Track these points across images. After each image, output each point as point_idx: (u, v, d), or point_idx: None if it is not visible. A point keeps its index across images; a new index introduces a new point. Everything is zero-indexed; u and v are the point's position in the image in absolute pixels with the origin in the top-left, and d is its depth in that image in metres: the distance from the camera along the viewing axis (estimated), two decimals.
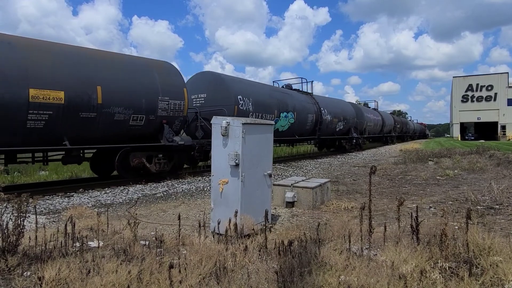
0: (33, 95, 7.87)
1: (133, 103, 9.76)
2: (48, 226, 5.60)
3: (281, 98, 17.03)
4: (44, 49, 8.53)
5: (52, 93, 8.17)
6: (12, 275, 3.15)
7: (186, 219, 6.20)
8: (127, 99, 9.63)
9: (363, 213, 3.62)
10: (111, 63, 9.71)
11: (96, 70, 9.16)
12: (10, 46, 7.89)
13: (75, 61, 8.88)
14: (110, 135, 9.62)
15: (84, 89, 8.76)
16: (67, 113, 8.47)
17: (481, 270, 2.99)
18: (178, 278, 2.80)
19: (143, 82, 10.16)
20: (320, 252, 3.42)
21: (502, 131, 56.97)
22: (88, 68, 9.01)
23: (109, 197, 8.49)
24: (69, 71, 8.61)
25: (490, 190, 7.29)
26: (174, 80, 11.19)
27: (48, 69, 8.23)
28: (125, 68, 9.97)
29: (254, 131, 4.92)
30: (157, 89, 10.48)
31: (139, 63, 10.58)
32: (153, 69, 10.72)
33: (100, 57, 9.57)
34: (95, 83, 8.97)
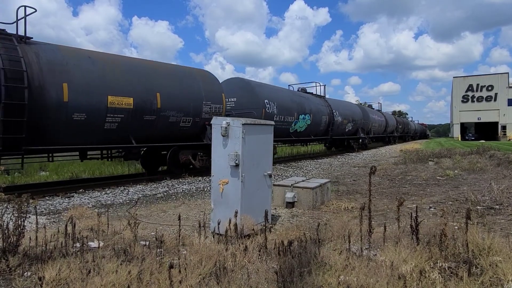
0: (110, 101, 9.34)
1: (183, 107, 11.25)
2: (48, 226, 5.60)
3: (299, 102, 18.56)
4: (116, 62, 10.03)
5: (124, 99, 9.67)
6: (13, 275, 3.16)
7: (186, 219, 6.21)
8: (179, 103, 11.13)
9: (363, 213, 3.63)
10: (167, 73, 11.29)
11: (156, 79, 10.65)
12: (90, 60, 9.29)
13: (140, 71, 10.35)
14: (164, 135, 11.08)
15: (147, 95, 10.25)
16: (134, 116, 9.93)
17: (481, 270, 2.99)
18: (178, 278, 2.80)
19: (191, 89, 11.72)
20: (320, 252, 3.42)
21: (503, 131, 56.93)
22: (150, 78, 10.49)
23: (110, 197, 8.50)
24: (136, 80, 10.09)
25: (490, 190, 7.29)
26: (214, 87, 12.73)
27: (120, 78, 9.69)
28: (177, 77, 11.52)
29: (254, 132, 4.93)
30: (202, 95, 12.01)
31: (187, 72, 12.18)
32: (198, 77, 12.32)
33: (158, 68, 11.18)
34: (155, 90, 10.47)
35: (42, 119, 8.23)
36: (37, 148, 8.60)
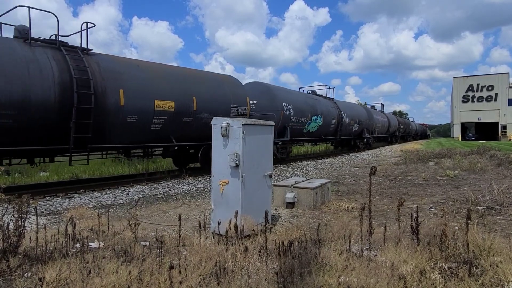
0: (157, 105, 10.47)
1: (214, 109, 12.22)
2: (48, 227, 5.61)
3: (312, 104, 19.84)
4: (159, 69, 11.29)
5: (167, 103, 10.79)
6: (13, 276, 3.16)
7: (186, 219, 6.21)
8: (211, 106, 12.25)
9: (363, 213, 3.63)
10: (200, 79, 12.54)
11: (192, 85, 11.87)
12: (139, 68, 10.48)
13: (179, 78, 11.62)
14: (198, 135, 12.16)
15: (185, 99, 11.40)
16: (175, 118, 11.07)
17: (481, 271, 2.99)
18: (178, 278, 2.80)
19: (220, 93, 12.92)
20: (320, 252, 3.42)
21: (503, 131, 56.90)
22: (187, 83, 11.72)
23: (110, 198, 8.50)
24: (177, 86, 11.29)
25: (491, 191, 7.29)
26: (240, 90, 13.99)
27: (164, 84, 10.87)
28: (209, 82, 12.78)
29: (254, 132, 4.93)
30: (230, 98, 13.19)
31: (216, 78, 13.48)
32: (225, 82, 13.57)
33: (193, 74, 12.52)
34: (192, 94, 11.66)
35: (103, 121, 9.27)
36: (99, 146, 9.69)
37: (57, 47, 8.91)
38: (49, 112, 8.24)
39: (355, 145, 27.78)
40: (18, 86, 7.75)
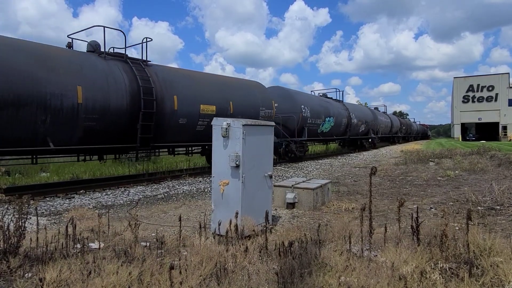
0: (202, 108, 11.98)
1: (247, 112, 13.74)
2: (49, 227, 5.61)
3: (325, 106, 21.56)
4: (202, 77, 13.05)
5: (210, 107, 12.27)
6: (14, 276, 3.16)
7: (187, 220, 6.21)
8: (244, 109, 13.74)
9: (364, 214, 3.62)
10: (235, 85, 14.16)
11: (229, 91, 13.40)
12: (187, 77, 12.19)
13: (218, 84, 13.21)
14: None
15: (224, 103, 12.89)
16: None
17: (482, 271, 2.99)
18: (178, 279, 2.80)
19: (251, 97, 14.47)
20: (320, 253, 3.42)
21: (503, 132, 56.86)
22: (225, 89, 13.24)
23: (110, 198, 8.50)
24: (217, 92, 12.79)
25: (491, 191, 7.28)
26: (266, 95, 15.68)
27: (207, 91, 12.41)
28: (242, 87, 14.42)
29: (254, 132, 4.93)
30: (259, 102, 14.78)
31: (247, 84, 15.18)
32: (254, 87, 15.25)
33: (229, 81, 14.18)
34: (229, 99, 13.16)
35: (162, 123, 10.76)
36: (158, 144, 11.24)
37: (124, 60, 10.50)
38: (122, 116, 9.77)
39: (362, 145, 29.47)
40: (101, 95, 9.23)
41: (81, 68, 9.10)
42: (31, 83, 7.98)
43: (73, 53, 9.65)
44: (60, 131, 8.64)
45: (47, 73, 8.33)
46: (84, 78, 9.02)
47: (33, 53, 8.38)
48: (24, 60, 8.05)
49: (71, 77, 8.77)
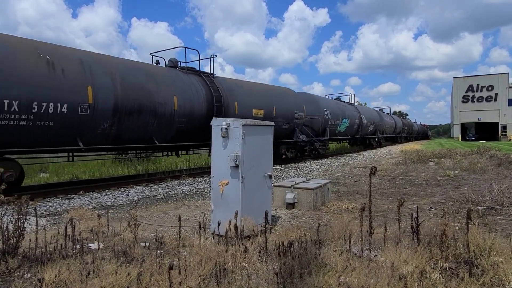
0: (254, 112, 14.40)
1: (285, 115, 16.46)
2: (48, 228, 5.60)
3: (341, 109, 24.45)
4: (253, 86, 15.73)
5: (259, 111, 14.76)
6: (12, 277, 3.16)
7: (186, 220, 6.20)
8: (283, 113, 16.29)
9: (364, 214, 3.62)
10: (276, 92, 16.73)
11: (272, 97, 15.94)
12: (242, 86, 14.57)
13: (265, 92, 15.82)
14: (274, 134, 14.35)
15: (269, 108, 15.38)
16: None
17: (482, 271, 2.98)
18: (178, 279, 2.79)
19: (287, 102, 16.90)
20: (320, 253, 3.41)
21: (503, 132, 56.87)
22: (269, 96, 15.83)
23: (110, 199, 8.49)
24: (264, 98, 15.33)
25: (491, 191, 7.28)
26: (298, 100, 18.11)
27: (257, 97, 14.92)
28: (280, 94, 16.93)
29: (254, 132, 4.92)
30: (293, 106, 17.20)
31: (284, 91, 17.69)
32: (289, 93, 17.80)
33: (272, 89, 16.90)
34: (273, 104, 15.62)
35: None
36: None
37: (198, 74, 12.96)
38: (201, 120, 12.03)
39: (370, 143, 32.37)
40: (188, 103, 11.64)
41: (174, 82, 11.52)
42: (147, 95, 10.30)
43: (168, 70, 12.13)
44: (161, 132, 10.98)
45: (155, 86, 10.70)
46: (178, 89, 11.43)
47: (145, 71, 10.68)
48: (141, 77, 10.38)
49: (170, 90, 11.17)
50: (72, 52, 9.21)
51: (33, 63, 7.98)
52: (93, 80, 8.99)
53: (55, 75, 8.27)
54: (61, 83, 8.31)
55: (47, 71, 8.16)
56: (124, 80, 9.73)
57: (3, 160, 8.38)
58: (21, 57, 7.85)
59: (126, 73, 9.91)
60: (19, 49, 7.95)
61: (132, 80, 9.96)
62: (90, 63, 9.16)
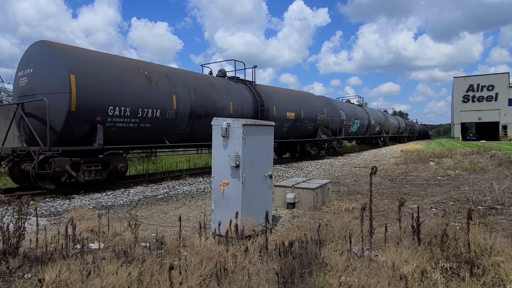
0: (287, 115, 16.90)
1: (311, 116, 18.95)
2: (49, 228, 5.60)
3: (353, 110, 27.54)
4: (286, 92, 18.40)
5: (291, 113, 17.18)
6: (13, 277, 3.16)
7: (187, 220, 6.20)
8: (309, 115, 18.73)
9: (364, 213, 3.62)
10: (302, 96, 19.28)
11: (300, 101, 18.48)
12: (277, 92, 17.15)
13: (295, 97, 18.54)
14: (300, 134, 18.75)
15: (299, 111, 17.76)
16: (294, 123, 17.58)
17: (483, 271, 2.98)
18: (178, 279, 2.79)
19: (312, 105, 19.42)
20: (320, 253, 3.41)
21: (504, 131, 56.80)
22: (298, 100, 18.31)
23: (110, 199, 8.49)
24: (294, 102, 17.84)
25: (492, 190, 7.27)
26: (319, 103, 20.63)
27: (289, 101, 17.44)
28: (306, 99, 19.40)
29: (254, 132, 4.92)
30: (316, 109, 19.68)
31: (308, 95, 20.41)
32: (312, 98, 20.38)
33: (299, 94, 19.63)
34: (301, 107, 18.06)
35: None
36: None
37: (244, 82, 15.38)
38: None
39: (376, 143, 35.10)
40: (240, 107, 13.95)
41: (229, 90, 13.82)
42: (211, 102, 12.52)
43: (224, 80, 14.43)
44: None
45: (217, 95, 12.92)
46: (232, 96, 13.70)
47: (209, 82, 13.00)
48: (207, 87, 12.64)
49: (227, 97, 13.40)
50: (160, 68, 11.61)
51: (137, 78, 10.13)
52: (176, 90, 11.24)
53: (151, 87, 10.44)
54: (156, 93, 10.51)
55: (146, 84, 10.35)
56: (196, 90, 12.03)
57: (118, 154, 10.40)
58: (130, 74, 9.96)
59: (196, 84, 12.28)
60: (128, 67, 10.11)
61: (201, 90, 12.29)
62: (173, 77, 11.45)
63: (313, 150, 19.71)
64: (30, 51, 9.34)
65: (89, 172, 9.10)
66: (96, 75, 9.08)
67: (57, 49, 8.95)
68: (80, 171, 8.90)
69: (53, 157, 8.41)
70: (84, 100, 8.67)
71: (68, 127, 8.64)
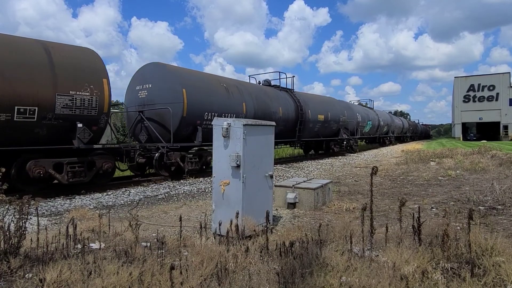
0: (318, 117, 19.94)
1: (336, 118, 22.16)
2: (50, 228, 5.60)
3: (366, 113, 31.33)
4: (317, 97, 21.97)
5: (321, 116, 20.27)
6: (14, 277, 3.16)
7: (187, 220, 6.20)
8: (334, 117, 21.92)
9: (365, 213, 3.61)
10: (328, 100, 22.87)
11: (327, 105, 21.73)
12: (310, 98, 20.19)
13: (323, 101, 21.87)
14: (328, 133, 22.11)
15: (326, 113, 20.91)
16: (323, 124, 20.63)
17: (483, 271, 2.98)
18: (179, 279, 2.80)
19: (336, 109, 22.56)
20: (321, 253, 3.41)
21: (504, 131, 56.72)
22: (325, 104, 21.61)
23: (111, 198, 8.49)
24: (323, 106, 21.01)
25: (492, 191, 7.26)
26: (341, 106, 23.90)
27: (319, 105, 20.55)
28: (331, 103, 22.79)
29: (255, 132, 4.92)
30: (339, 112, 22.88)
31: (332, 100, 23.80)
32: (335, 101, 23.81)
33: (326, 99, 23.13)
34: (328, 110, 21.20)
35: (304, 127, 18.67)
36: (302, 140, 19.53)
37: (285, 90, 18.69)
38: (293, 123, 17.76)
39: (384, 142, 38.59)
40: (286, 112, 17.04)
41: (278, 97, 17.04)
42: (267, 107, 15.74)
43: (272, 88, 17.79)
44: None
45: (270, 101, 16.17)
46: (280, 103, 16.90)
47: (264, 91, 16.36)
48: (263, 95, 15.94)
49: (277, 103, 16.64)
50: (232, 81, 14.77)
51: (220, 89, 13.24)
52: (244, 98, 14.30)
53: (229, 96, 13.48)
54: (232, 101, 13.54)
55: (226, 94, 13.37)
56: (256, 98, 15.18)
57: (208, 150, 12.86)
58: (215, 87, 13.11)
59: (257, 93, 15.51)
60: (214, 81, 13.33)
61: (260, 98, 15.48)
62: (241, 88, 14.67)
63: (336, 148, 22.87)
64: (145, 70, 12.27)
65: (191, 163, 11.93)
66: (197, 88, 12.08)
67: (171, 69, 12.08)
68: (185, 162, 11.70)
69: (170, 151, 11.33)
70: (191, 108, 11.61)
71: (180, 128, 11.54)
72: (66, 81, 8.40)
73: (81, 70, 8.77)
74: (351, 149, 25.20)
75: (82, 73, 8.76)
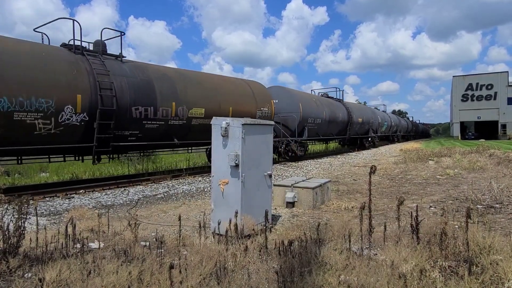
0: (359, 120, 26.77)
1: (367, 121, 27.98)
2: (49, 227, 5.61)
3: (383, 115, 37.65)
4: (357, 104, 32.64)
5: (360, 119, 26.94)
6: (13, 276, 3.16)
7: (186, 219, 6.21)
8: (367, 119, 28.22)
9: (363, 212, 3.63)
10: (363, 106, 33.79)
11: (363, 109, 29.91)
12: (353, 105, 28.69)
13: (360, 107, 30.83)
14: (362, 132, 28.35)
15: (363, 117, 27.81)
16: (361, 125, 27.55)
17: (481, 269, 2.99)
18: (178, 278, 2.80)
19: (367, 112, 28.81)
20: (320, 252, 3.42)
21: (503, 130, 56.83)
22: (361, 109, 29.41)
23: (110, 198, 8.49)
24: (360, 111, 27.96)
25: (490, 189, 7.28)
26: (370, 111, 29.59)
27: (359, 110, 27.75)
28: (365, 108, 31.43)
29: (254, 132, 4.92)
30: (369, 115, 28.98)
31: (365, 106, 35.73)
32: (367, 107, 32.91)
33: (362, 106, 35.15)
34: (363, 115, 28.28)
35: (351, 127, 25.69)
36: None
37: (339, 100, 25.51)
38: (345, 124, 24.65)
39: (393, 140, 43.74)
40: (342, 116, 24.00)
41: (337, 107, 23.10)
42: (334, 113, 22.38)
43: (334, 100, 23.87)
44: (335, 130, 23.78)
45: (335, 109, 22.42)
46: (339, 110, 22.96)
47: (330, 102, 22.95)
48: (331, 106, 22.52)
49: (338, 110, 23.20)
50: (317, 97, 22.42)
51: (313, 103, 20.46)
52: (324, 108, 21.18)
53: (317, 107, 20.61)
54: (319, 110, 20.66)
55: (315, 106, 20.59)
56: (329, 107, 21.96)
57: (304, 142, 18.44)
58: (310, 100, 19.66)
59: (328, 104, 22.26)
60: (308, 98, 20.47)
61: (330, 107, 22.26)
62: (322, 101, 21.82)
63: (367, 143, 29.24)
64: (272, 90, 18.41)
65: (301, 150, 18.42)
66: (305, 102, 19.24)
67: (288, 90, 19.78)
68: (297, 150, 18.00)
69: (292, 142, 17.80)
70: (304, 115, 18.66)
71: (297, 129, 18.27)
72: (260, 102, 15.15)
73: (263, 95, 15.70)
74: (373, 145, 31.61)
75: (264, 97, 15.67)
